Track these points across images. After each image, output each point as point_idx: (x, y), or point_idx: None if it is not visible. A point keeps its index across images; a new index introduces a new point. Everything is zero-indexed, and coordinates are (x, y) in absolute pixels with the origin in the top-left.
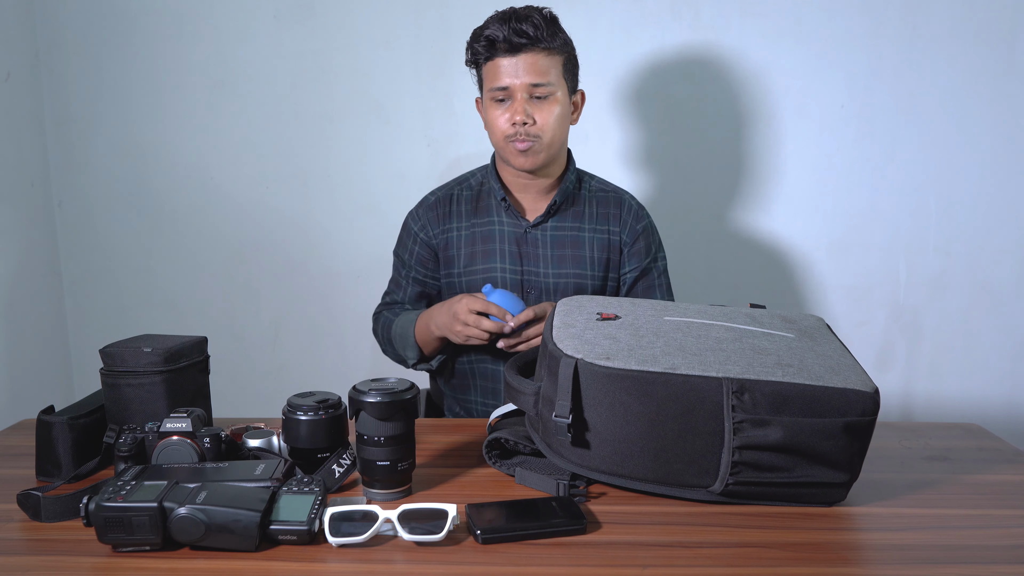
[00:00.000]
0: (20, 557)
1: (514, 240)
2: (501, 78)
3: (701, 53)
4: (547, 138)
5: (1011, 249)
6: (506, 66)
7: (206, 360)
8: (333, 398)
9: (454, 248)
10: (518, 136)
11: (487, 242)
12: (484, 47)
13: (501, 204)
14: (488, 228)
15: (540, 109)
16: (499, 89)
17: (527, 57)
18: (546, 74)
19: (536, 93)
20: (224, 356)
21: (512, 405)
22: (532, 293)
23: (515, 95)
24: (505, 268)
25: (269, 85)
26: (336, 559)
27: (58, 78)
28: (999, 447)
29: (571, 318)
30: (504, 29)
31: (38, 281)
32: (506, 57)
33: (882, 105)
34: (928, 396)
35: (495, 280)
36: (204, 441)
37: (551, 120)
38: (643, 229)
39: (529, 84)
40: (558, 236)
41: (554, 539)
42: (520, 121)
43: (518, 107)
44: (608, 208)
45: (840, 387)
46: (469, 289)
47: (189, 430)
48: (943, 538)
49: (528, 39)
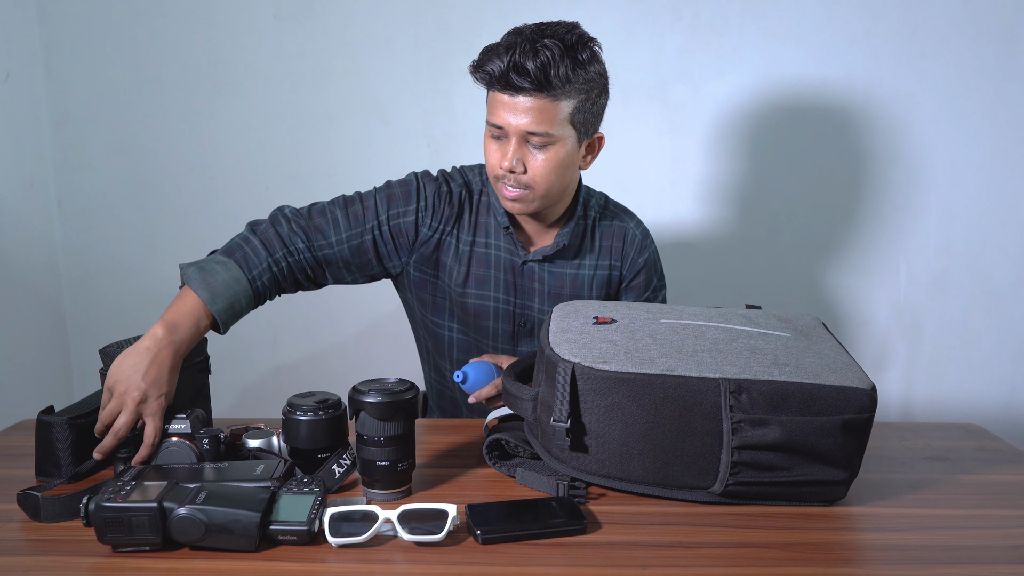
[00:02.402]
0: (20, 557)
1: (510, 270)
2: (496, 114)
3: (701, 53)
4: (540, 189)
5: (1011, 249)
6: (502, 104)
7: (206, 360)
8: (333, 398)
9: (452, 258)
10: (507, 181)
11: (482, 266)
12: (483, 76)
13: (504, 231)
14: (485, 251)
15: (535, 157)
16: (494, 126)
17: (526, 101)
18: (546, 122)
19: (532, 141)
20: (224, 356)
21: (509, 409)
22: (524, 327)
23: (510, 136)
24: (499, 298)
25: (269, 85)
26: (336, 559)
27: (58, 78)
28: (999, 447)
29: (567, 323)
30: (504, 62)
31: (38, 281)
32: (505, 94)
33: (882, 105)
34: (928, 396)
35: (488, 310)
36: (203, 443)
37: (546, 171)
38: (645, 262)
39: (524, 131)
40: (556, 274)
41: (554, 539)
42: (507, 168)
43: (510, 151)
44: (611, 242)
45: (837, 385)
46: (463, 309)
47: (188, 431)
48: (943, 538)
49: (530, 82)
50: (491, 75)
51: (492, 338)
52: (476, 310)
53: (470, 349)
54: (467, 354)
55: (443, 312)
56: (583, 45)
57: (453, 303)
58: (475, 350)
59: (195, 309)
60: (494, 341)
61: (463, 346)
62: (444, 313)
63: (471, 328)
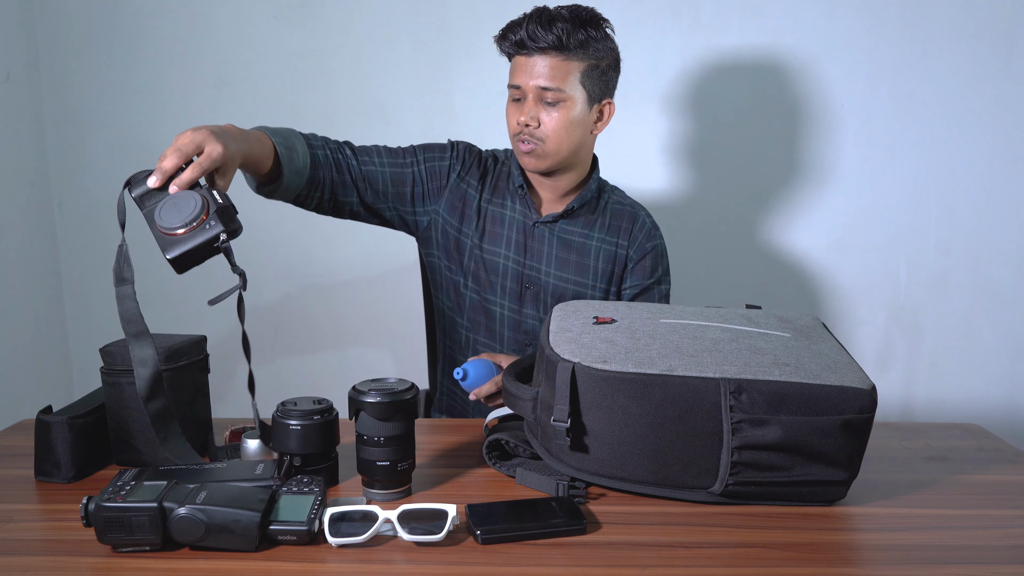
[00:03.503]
0: (20, 557)
1: (521, 230)
2: (515, 76)
3: (701, 53)
4: (551, 144)
5: (1011, 249)
6: (521, 65)
7: (205, 359)
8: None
9: (472, 211)
10: (522, 136)
11: (497, 224)
12: (506, 44)
13: (518, 191)
14: (500, 211)
15: (548, 113)
16: (513, 87)
17: (541, 60)
18: (558, 79)
19: (545, 97)
20: (224, 356)
21: (509, 409)
22: (531, 289)
23: (527, 95)
24: (509, 256)
25: (269, 85)
26: (336, 559)
27: (58, 78)
28: (999, 447)
29: (567, 323)
30: (524, 29)
31: (38, 281)
32: (522, 56)
33: (882, 105)
34: (928, 396)
35: (498, 266)
36: (215, 197)
37: (557, 126)
38: (652, 248)
39: (538, 87)
40: (565, 239)
41: (554, 539)
42: (523, 122)
43: (526, 107)
44: (621, 221)
45: (837, 385)
46: (478, 263)
47: (204, 185)
48: (943, 538)
49: (545, 42)
50: (512, 40)
51: (500, 295)
52: (489, 265)
53: (479, 310)
54: (480, 315)
55: (458, 268)
56: (595, 22)
57: (471, 258)
58: (485, 312)
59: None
60: (501, 299)
61: (476, 306)
62: (459, 269)
63: (483, 285)
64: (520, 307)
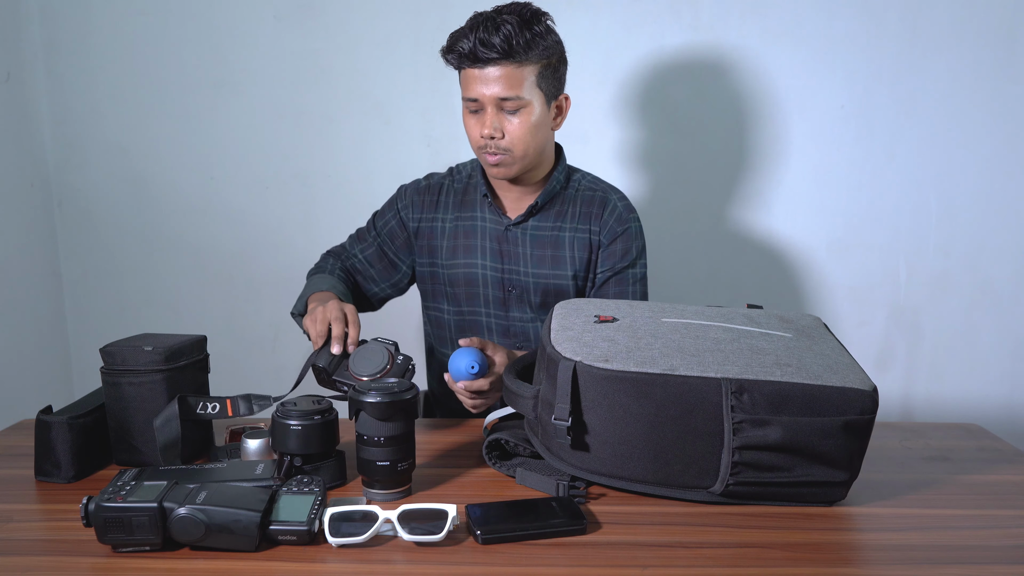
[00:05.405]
0: (20, 557)
1: (495, 237)
2: (471, 89)
3: (701, 53)
4: (518, 151)
5: (1011, 249)
6: (475, 77)
7: (206, 359)
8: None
9: (437, 238)
10: (488, 149)
11: (469, 237)
12: (454, 57)
13: (484, 200)
14: (471, 223)
15: (510, 122)
16: (470, 100)
17: (494, 70)
18: (515, 87)
19: (505, 107)
20: (224, 356)
21: (509, 408)
22: (513, 291)
23: (485, 107)
24: (486, 265)
25: (269, 85)
26: (336, 559)
27: (58, 78)
28: (999, 447)
29: (569, 321)
30: (471, 40)
31: (38, 281)
32: (475, 68)
33: (882, 105)
34: (928, 396)
35: (476, 277)
36: (396, 352)
37: (521, 133)
38: (624, 232)
39: (497, 98)
40: (538, 236)
41: (554, 539)
42: (487, 135)
43: (487, 119)
44: (592, 208)
45: (839, 386)
46: (451, 282)
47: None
48: (943, 538)
49: (496, 52)
50: (461, 53)
51: (484, 305)
52: (466, 279)
53: (464, 327)
54: (463, 332)
55: (441, 297)
56: (538, 18)
57: (444, 283)
58: (469, 328)
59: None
60: (486, 309)
61: (459, 325)
62: (441, 298)
63: (463, 301)
64: (506, 312)
